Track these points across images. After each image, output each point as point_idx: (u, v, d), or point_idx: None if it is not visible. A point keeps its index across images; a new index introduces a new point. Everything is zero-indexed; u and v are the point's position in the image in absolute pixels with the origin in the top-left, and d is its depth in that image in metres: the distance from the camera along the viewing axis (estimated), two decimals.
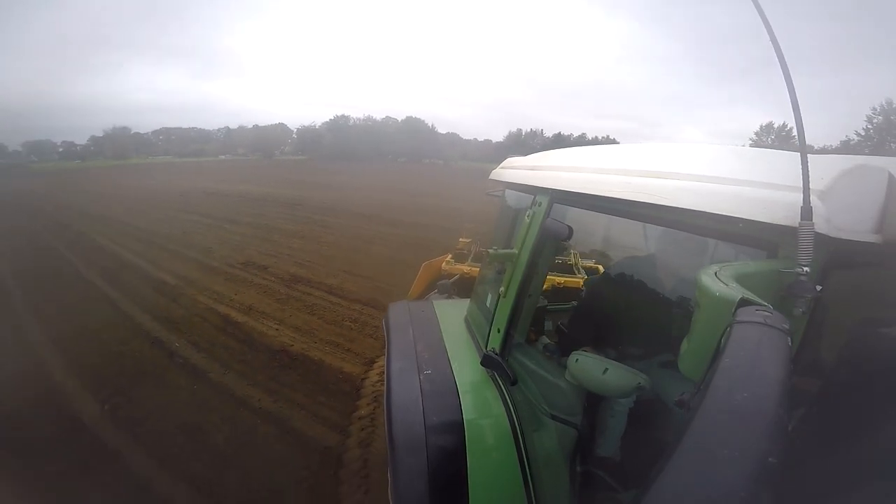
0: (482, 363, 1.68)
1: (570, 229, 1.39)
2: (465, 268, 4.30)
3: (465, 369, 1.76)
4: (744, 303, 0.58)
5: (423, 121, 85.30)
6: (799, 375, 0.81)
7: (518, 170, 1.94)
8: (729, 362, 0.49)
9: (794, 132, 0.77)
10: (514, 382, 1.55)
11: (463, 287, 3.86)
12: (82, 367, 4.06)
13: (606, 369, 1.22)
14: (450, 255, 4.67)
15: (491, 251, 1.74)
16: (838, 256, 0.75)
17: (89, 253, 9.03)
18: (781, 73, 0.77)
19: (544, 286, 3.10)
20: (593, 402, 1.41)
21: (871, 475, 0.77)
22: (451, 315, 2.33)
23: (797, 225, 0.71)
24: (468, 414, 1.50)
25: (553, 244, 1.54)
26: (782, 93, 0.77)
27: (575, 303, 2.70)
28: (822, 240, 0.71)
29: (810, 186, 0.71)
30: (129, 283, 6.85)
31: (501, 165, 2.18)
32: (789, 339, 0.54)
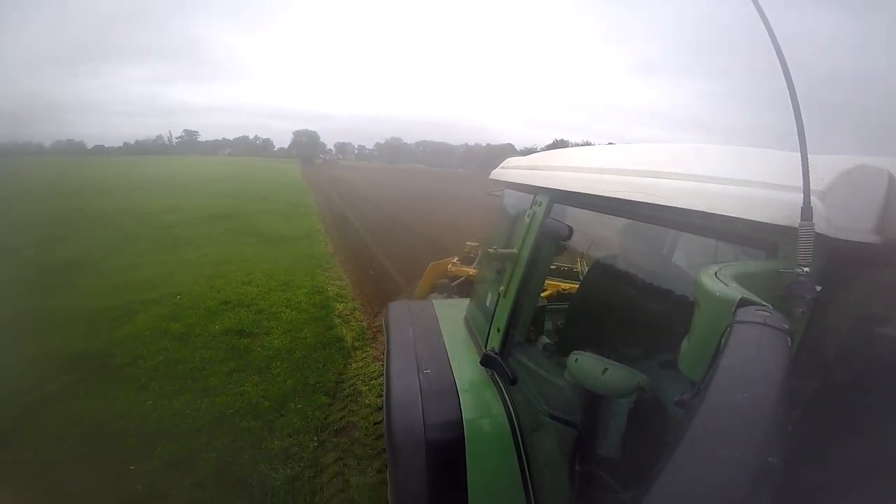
0: (482, 363, 1.68)
1: (570, 229, 1.39)
2: (470, 270, 4.33)
3: (465, 369, 1.76)
4: (744, 303, 0.58)
5: None
6: (799, 375, 0.81)
7: (518, 170, 1.94)
8: (729, 362, 0.49)
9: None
10: (513, 382, 1.55)
11: (467, 289, 3.91)
12: (373, 236, 11.94)
13: (606, 369, 1.22)
14: (456, 258, 4.70)
15: (491, 250, 1.74)
16: (838, 256, 0.75)
17: (379, 212, 18.67)
18: (781, 71, 0.77)
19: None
20: (593, 401, 1.41)
21: (871, 475, 0.77)
22: (451, 315, 2.33)
23: (797, 225, 0.71)
24: (468, 413, 1.50)
25: (553, 244, 1.53)
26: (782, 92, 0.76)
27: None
28: (822, 240, 0.71)
29: (810, 186, 0.71)
30: (403, 224, 15.10)
31: (501, 165, 2.18)
32: (789, 339, 0.54)
